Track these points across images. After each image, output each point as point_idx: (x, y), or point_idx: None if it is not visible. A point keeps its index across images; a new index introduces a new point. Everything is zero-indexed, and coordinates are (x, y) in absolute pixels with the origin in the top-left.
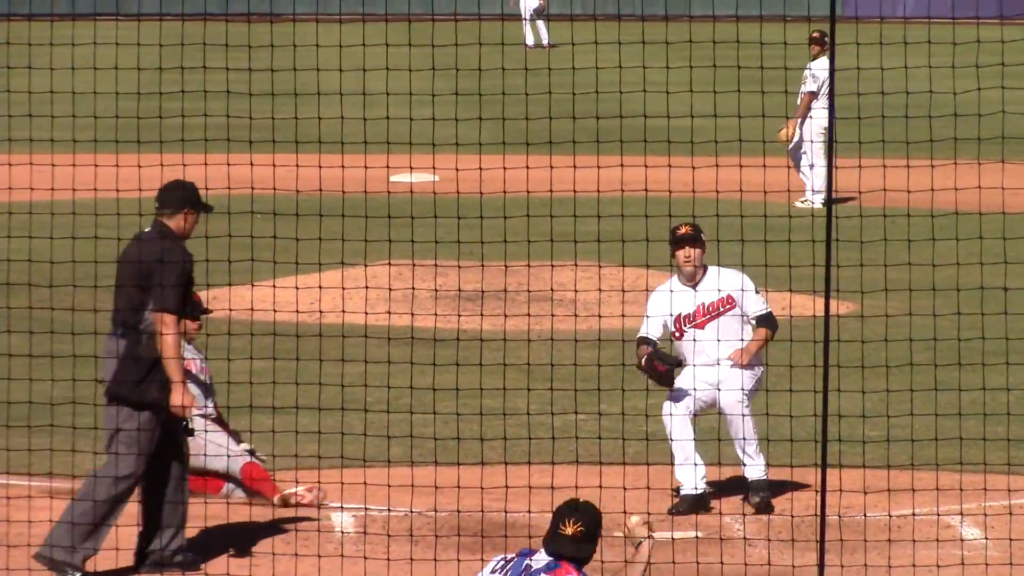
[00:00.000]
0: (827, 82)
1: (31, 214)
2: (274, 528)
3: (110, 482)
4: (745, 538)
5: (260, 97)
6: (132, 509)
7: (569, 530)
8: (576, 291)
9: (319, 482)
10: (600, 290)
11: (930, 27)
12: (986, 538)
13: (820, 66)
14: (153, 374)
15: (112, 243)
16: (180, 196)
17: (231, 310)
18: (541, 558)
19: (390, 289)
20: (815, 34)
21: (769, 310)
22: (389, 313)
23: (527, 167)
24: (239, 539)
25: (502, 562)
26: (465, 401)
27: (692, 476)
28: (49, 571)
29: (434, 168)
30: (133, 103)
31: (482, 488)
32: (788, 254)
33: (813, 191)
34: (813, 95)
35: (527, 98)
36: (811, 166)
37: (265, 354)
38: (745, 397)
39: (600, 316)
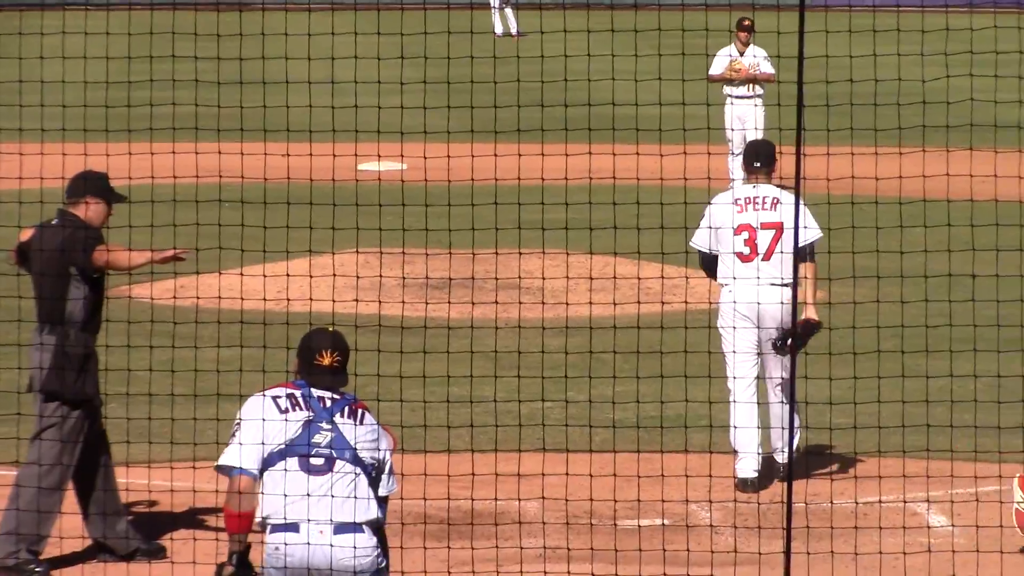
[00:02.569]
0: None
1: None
2: None
3: (45, 471)
4: (711, 525)
5: (228, 86)
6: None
7: (327, 360)
8: (544, 279)
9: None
10: (568, 278)
11: (899, 15)
12: (953, 525)
13: (749, 52)
14: (85, 369)
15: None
16: (81, 185)
17: (198, 298)
18: (325, 393)
19: (357, 277)
20: (746, 22)
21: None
22: (356, 301)
23: (495, 155)
24: (204, 524)
25: (284, 397)
26: (432, 389)
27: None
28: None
29: (402, 156)
30: (102, 92)
31: (448, 476)
32: None
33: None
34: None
35: (496, 86)
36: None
37: (232, 342)
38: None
39: (567, 304)
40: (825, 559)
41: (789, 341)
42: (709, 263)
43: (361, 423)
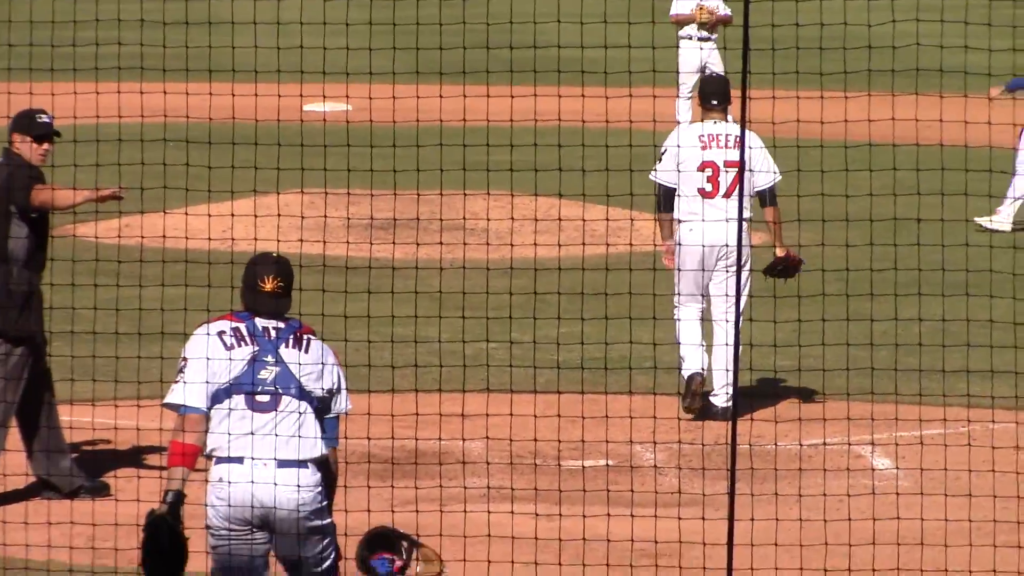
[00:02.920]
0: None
1: None
2: None
3: None
4: (656, 466)
5: (174, 26)
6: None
7: (269, 286)
8: (488, 220)
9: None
10: (512, 219)
11: None
12: (897, 468)
13: None
14: (28, 306)
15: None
16: (9, 125)
17: (143, 237)
18: (270, 323)
19: (303, 217)
20: None
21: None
22: (301, 241)
23: (440, 96)
24: (147, 462)
25: (229, 332)
26: (376, 329)
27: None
28: None
29: (347, 97)
30: (48, 32)
31: (392, 416)
32: None
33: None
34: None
35: (441, 28)
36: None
37: (177, 281)
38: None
39: (512, 245)
40: (769, 501)
41: (780, 269)
42: (671, 196)
43: (307, 351)
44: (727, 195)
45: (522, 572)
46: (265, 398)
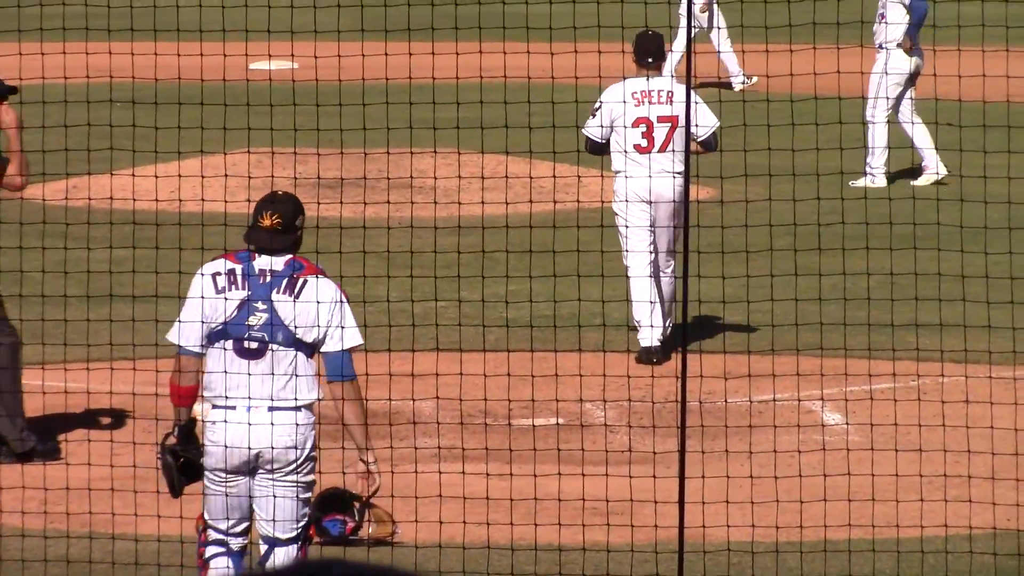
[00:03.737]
0: None
1: None
2: (125, 417)
3: None
4: (606, 424)
5: None
6: None
7: (267, 222)
8: (436, 178)
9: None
10: (460, 177)
11: None
12: (847, 423)
13: None
14: None
15: None
16: None
17: (90, 199)
18: (267, 264)
19: (250, 177)
20: None
21: None
22: (249, 201)
23: (386, 54)
24: (98, 425)
25: (224, 274)
26: None
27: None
28: None
29: (292, 56)
30: None
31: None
32: None
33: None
34: None
35: None
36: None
37: (125, 243)
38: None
39: (460, 203)
40: (720, 457)
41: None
42: (598, 150)
43: (299, 295)
44: (662, 149)
45: (474, 531)
46: (254, 344)
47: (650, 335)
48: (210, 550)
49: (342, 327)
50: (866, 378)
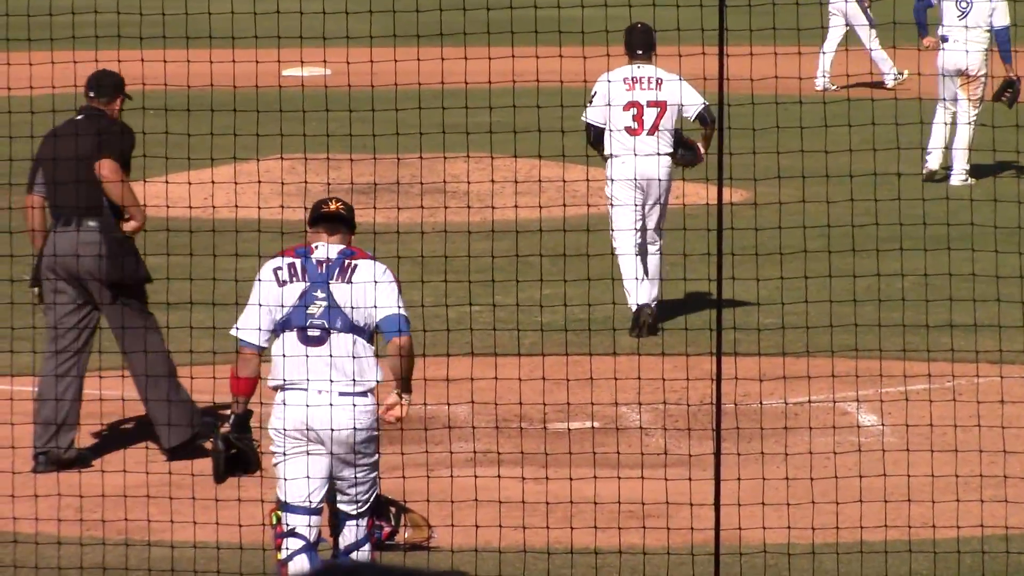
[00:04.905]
0: None
1: None
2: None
3: (158, 359)
4: (641, 427)
5: None
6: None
7: (332, 207)
8: (469, 183)
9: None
10: (493, 181)
11: None
12: (883, 424)
13: None
14: (135, 251)
15: (5, 142)
16: (117, 82)
17: None
18: (323, 249)
19: (282, 183)
20: None
21: None
22: (282, 207)
23: (418, 59)
24: (131, 434)
25: (285, 268)
26: None
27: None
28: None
29: (325, 62)
30: (23, 1)
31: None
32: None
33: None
34: None
35: None
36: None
37: (159, 250)
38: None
39: (493, 207)
40: (756, 459)
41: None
42: (599, 137)
43: (351, 280)
44: (651, 132)
45: (510, 536)
46: (316, 332)
47: (639, 296)
48: (287, 545)
49: (397, 303)
50: (901, 379)
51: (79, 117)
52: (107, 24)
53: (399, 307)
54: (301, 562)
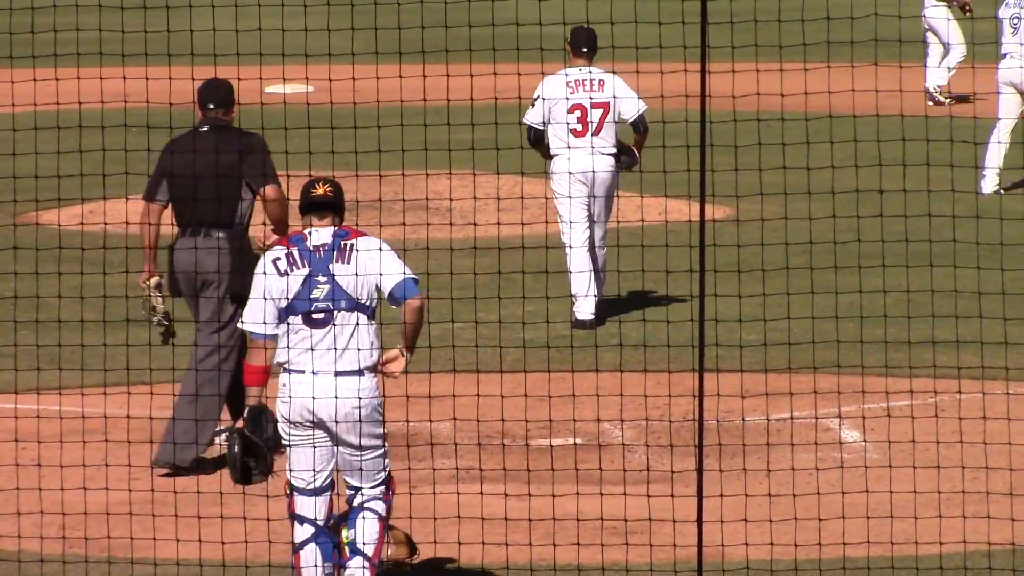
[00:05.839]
0: None
1: None
2: (143, 441)
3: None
4: (624, 444)
5: (132, 11)
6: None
7: (320, 191)
8: (451, 199)
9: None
10: (475, 198)
11: None
12: (865, 440)
13: None
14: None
15: (8, 158)
16: (231, 90)
17: (106, 224)
18: (316, 235)
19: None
20: None
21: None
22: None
23: (400, 76)
24: (115, 452)
25: (283, 258)
26: None
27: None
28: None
29: (307, 79)
30: (5, 19)
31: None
32: (663, 159)
33: None
34: None
35: (399, 7)
36: None
37: (141, 268)
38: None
39: (475, 224)
40: (738, 476)
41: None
42: (539, 139)
43: (349, 260)
44: (596, 132)
45: (492, 552)
46: (320, 315)
47: (586, 306)
48: (299, 534)
49: (403, 269)
50: (883, 395)
51: (204, 129)
52: (89, 41)
53: (405, 272)
54: (311, 552)
